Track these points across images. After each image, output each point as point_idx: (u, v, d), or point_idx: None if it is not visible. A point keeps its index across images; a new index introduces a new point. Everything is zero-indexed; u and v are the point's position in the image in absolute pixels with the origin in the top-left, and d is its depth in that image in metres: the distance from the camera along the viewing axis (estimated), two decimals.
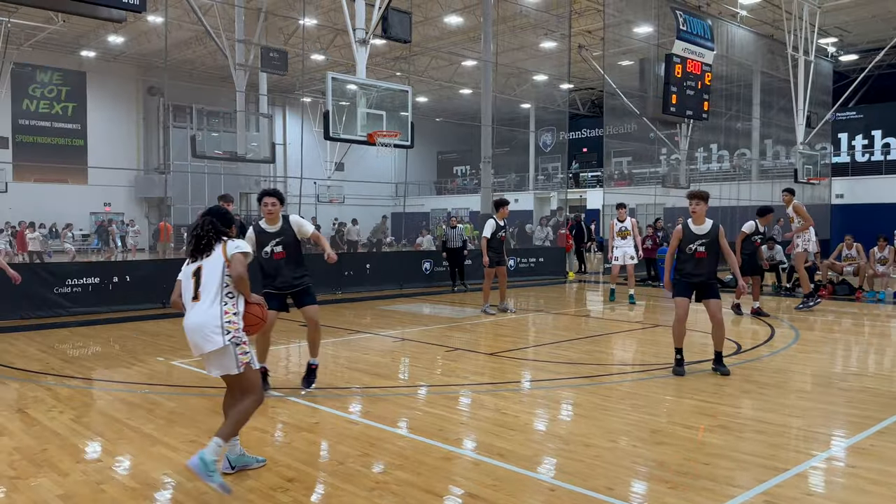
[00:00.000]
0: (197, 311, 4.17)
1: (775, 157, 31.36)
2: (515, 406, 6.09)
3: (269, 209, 6.24)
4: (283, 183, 36.60)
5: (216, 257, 4.22)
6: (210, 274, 4.20)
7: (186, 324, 4.21)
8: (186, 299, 4.26)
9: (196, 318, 4.16)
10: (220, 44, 20.12)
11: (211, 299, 4.15)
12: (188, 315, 4.21)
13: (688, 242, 7.33)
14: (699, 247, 7.26)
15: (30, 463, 4.58)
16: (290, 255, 6.44)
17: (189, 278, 4.25)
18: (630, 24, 22.86)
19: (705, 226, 7.32)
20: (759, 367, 7.78)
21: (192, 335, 4.18)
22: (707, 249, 7.25)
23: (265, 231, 6.39)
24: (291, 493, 4.10)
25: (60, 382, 6.89)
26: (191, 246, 4.25)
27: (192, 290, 4.23)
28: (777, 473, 4.41)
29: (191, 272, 4.26)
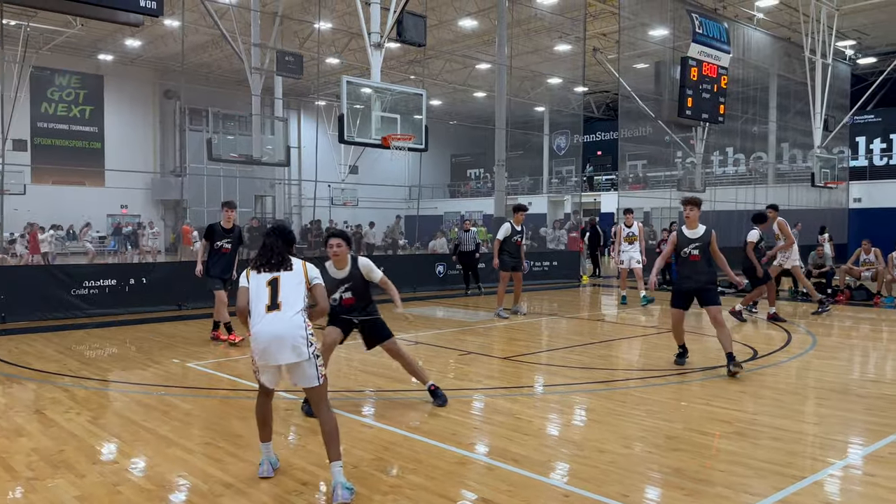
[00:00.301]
0: (280, 319, 4.19)
1: (792, 160, 31.12)
2: (529, 411, 6.07)
3: (335, 251, 5.83)
4: (297, 186, 36.77)
5: (297, 273, 4.33)
6: (291, 288, 4.28)
7: (266, 330, 4.18)
8: (258, 308, 4.26)
9: (280, 326, 4.17)
10: (236, 47, 20.25)
11: (294, 311, 4.22)
12: (265, 322, 4.20)
13: (682, 246, 7.73)
14: (693, 250, 7.66)
15: (47, 464, 4.62)
16: (359, 299, 6.18)
17: (263, 287, 4.27)
18: (645, 26, 22.78)
19: (698, 230, 7.71)
20: (775, 373, 7.71)
21: (277, 342, 4.17)
22: (700, 252, 7.63)
23: (334, 278, 5.95)
24: (306, 497, 4.12)
25: (77, 384, 6.95)
26: (262, 259, 4.31)
27: (267, 299, 4.24)
28: (794, 481, 4.37)
29: (265, 282, 4.28)
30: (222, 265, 9.16)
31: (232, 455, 4.81)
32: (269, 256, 4.33)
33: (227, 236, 9.19)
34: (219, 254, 9.16)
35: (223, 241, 9.17)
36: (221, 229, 9.19)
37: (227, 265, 9.21)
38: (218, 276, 9.14)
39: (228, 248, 9.19)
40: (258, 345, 4.21)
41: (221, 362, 8.08)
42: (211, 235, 9.18)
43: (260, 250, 4.38)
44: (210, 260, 9.15)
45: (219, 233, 9.16)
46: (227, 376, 7.32)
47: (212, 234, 9.18)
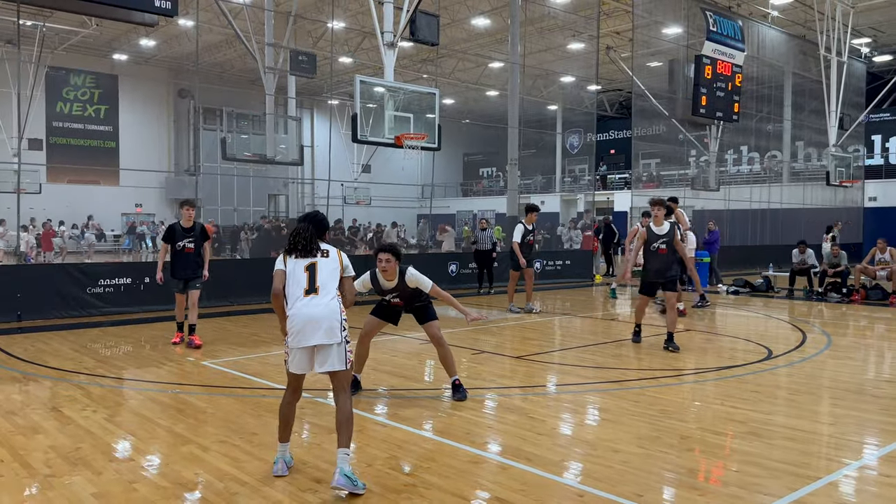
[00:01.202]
0: (317, 303, 4.41)
1: (807, 159, 30.87)
2: (542, 410, 6.07)
3: (384, 266, 6.10)
4: (310, 185, 36.88)
5: (333, 260, 4.57)
6: (328, 273, 4.52)
7: (304, 312, 4.39)
8: (295, 291, 4.47)
9: (318, 309, 4.39)
10: (250, 47, 20.36)
11: (331, 296, 4.46)
12: (304, 305, 4.41)
13: (651, 242, 8.89)
14: (661, 244, 8.83)
15: (64, 461, 4.67)
16: (407, 301, 6.52)
17: (302, 272, 4.48)
18: (659, 25, 22.68)
19: (664, 227, 8.89)
20: (790, 373, 7.67)
21: (312, 324, 4.37)
22: (667, 247, 8.82)
23: (383, 288, 6.33)
24: (320, 495, 4.14)
25: (93, 381, 7.01)
26: (298, 245, 4.50)
27: (305, 283, 4.47)
28: (809, 482, 4.35)
29: (303, 266, 4.50)
30: (188, 265, 8.93)
31: (247, 453, 4.84)
32: (298, 241, 4.52)
33: (188, 235, 8.94)
34: (182, 254, 8.92)
35: (185, 240, 8.92)
36: (182, 229, 8.96)
37: (193, 264, 8.96)
38: (182, 277, 8.93)
39: (192, 248, 8.94)
40: (294, 326, 4.40)
41: (237, 360, 8.14)
42: (171, 237, 8.96)
43: (291, 235, 4.57)
44: (175, 261, 8.95)
45: (179, 233, 8.94)
46: (242, 374, 7.37)
47: (172, 235, 8.96)
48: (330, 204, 23.01)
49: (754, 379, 7.28)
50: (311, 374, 7.56)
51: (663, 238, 8.83)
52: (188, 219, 9.02)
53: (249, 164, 25.95)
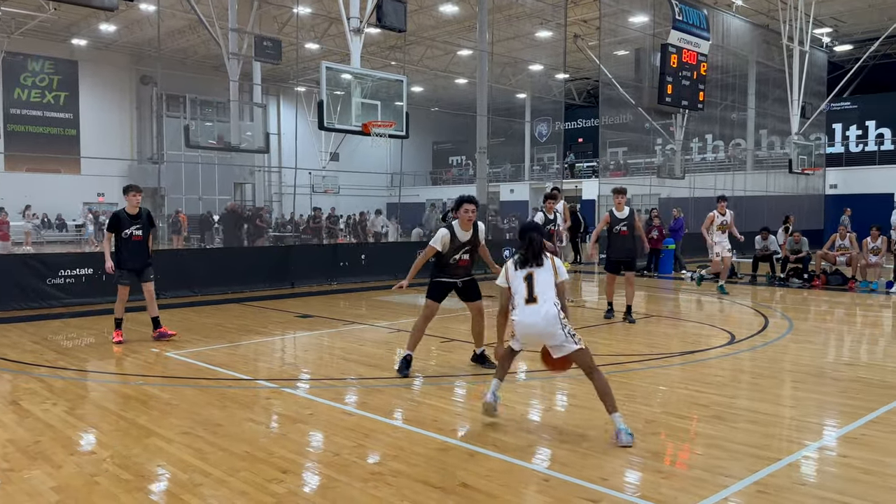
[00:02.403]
0: (535, 312, 4.93)
1: (770, 147, 31.37)
2: (510, 397, 6.09)
3: (470, 216, 6.81)
4: (277, 173, 36.48)
5: (548, 268, 5.07)
6: (545, 281, 5.02)
7: (526, 322, 4.94)
8: (518, 301, 5.01)
9: (536, 319, 4.92)
10: (214, 32, 20.01)
11: (551, 303, 4.94)
12: (525, 314, 4.96)
13: (614, 224, 10.11)
14: (622, 227, 10.07)
15: (23, 455, 4.57)
16: (470, 261, 7.18)
17: (521, 282, 5.03)
18: (626, 13, 22.78)
19: (625, 212, 10.11)
20: (752, 357, 7.80)
21: (533, 333, 4.98)
22: (628, 229, 10.06)
23: (459, 240, 6.93)
24: (286, 485, 4.11)
25: (54, 374, 6.87)
26: (526, 255, 5.06)
27: (525, 293, 4.98)
28: (770, 463, 4.43)
29: (521, 277, 5.05)
30: (136, 254, 8.53)
31: (211, 444, 4.79)
32: (532, 251, 5.06)
33: (136, 222, 8.50)
34: (130, 242, 8.47)
35: (131, 227, 8.46)
36: (127, 216, 8.47)
37: (142, 252, 8.58)
38: (131, 268, 8.53)
39: (140, 236, 8.53)
40: (519, 331, 5.03)
41: (201, 351, 8.03)
42: (116, 225, 8.45)
43: (525, 246, 5.09)
44: (122, 251, 8.47)
45: (125, 220, 8.45)
46: (206, 365, 7.28)
47: (117, 223, 8.46)
48: (297, 193, 22.83)
49: (718, 363, 7.40)
50: (280, 365, 7.51)
51: (624, 221, 10.09)
52: (134, 205, 8.53)
53: (214, 151, 25.55)
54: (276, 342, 8.82)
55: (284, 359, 8.10)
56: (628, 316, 10.00)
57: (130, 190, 8.63)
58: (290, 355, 8.34)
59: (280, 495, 3.95)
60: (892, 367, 7.34)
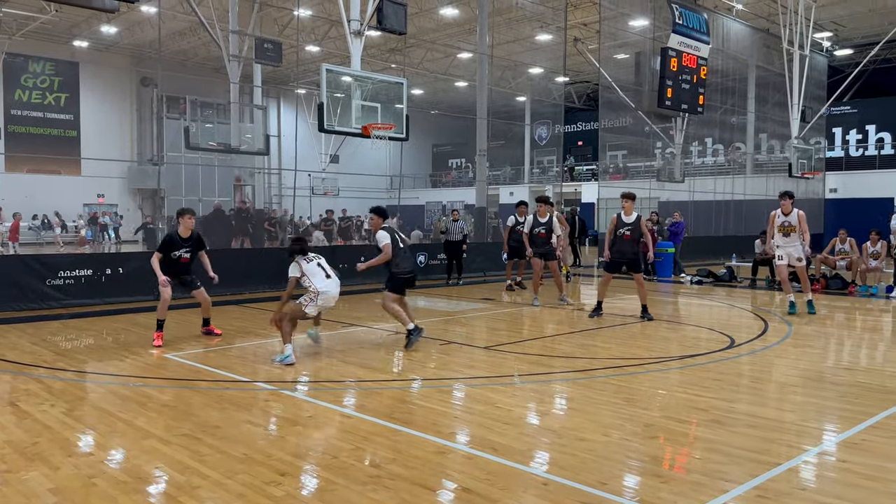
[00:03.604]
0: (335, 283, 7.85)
1: (770, 151, 31.40)
2: (509, 400, 6.08)
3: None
4: (277, 175, 36.47)
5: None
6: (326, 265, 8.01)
7: (333, 292, 7.79)
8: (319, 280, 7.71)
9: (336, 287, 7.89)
10: (214, 34, 20.01)
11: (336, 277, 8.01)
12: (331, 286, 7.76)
13: (619, 227, 10.56)
14: (626, 231, 10.48)
15: (21, 456, 4.56)
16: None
17: (316, 268, 7.83)
18: (626, 17, 22.81)
19: (632, 217, 10.54)
20: (752, 362, 7.80)
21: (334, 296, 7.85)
22: (632, 233, 10.48)
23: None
24: (284, 487, 4.09)
25: (52, 375, 6.86)
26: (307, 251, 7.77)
27: (323, 274, 7.83)
28: (769, 468, 4.42)
29: (315, 265, 7.80)
30: (181, 272, 8.75)
31: (209, 446, 4.77)
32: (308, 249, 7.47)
33: (186, 245, 8.70)
34: (178, 263, 8.66)
35: (181, 250, 8.66)
36: (180, 239, 8.68)
37: (187, 272, 8.83)
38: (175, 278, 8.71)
39: (188, 258, 8.73)
40: (323, 299, 7.69)
41: (199, 353, 8.02)
42: (169, 246, 8.63)
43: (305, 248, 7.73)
44: (167, 266, 8.59)
45: (177, 243, 8.65)
46: (205, 367, 7.27)
47: (169, 245, 8.63)
48: (297, 195, 22.83)
49: (717, 367, 7.39)
50: (281, 369, 7.51)
51: (629, 225, 10.50)
52: (188, 228, 8.66)
53: (214, 153, 25.54)
54: (275, 344, 8.80)
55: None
56: (645, 314, 10.54)
57: (185, 213, 8.77)
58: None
59: (278, 498, 3.94)
60: (891, 371, 7.33)
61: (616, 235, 10.58)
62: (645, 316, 10.52)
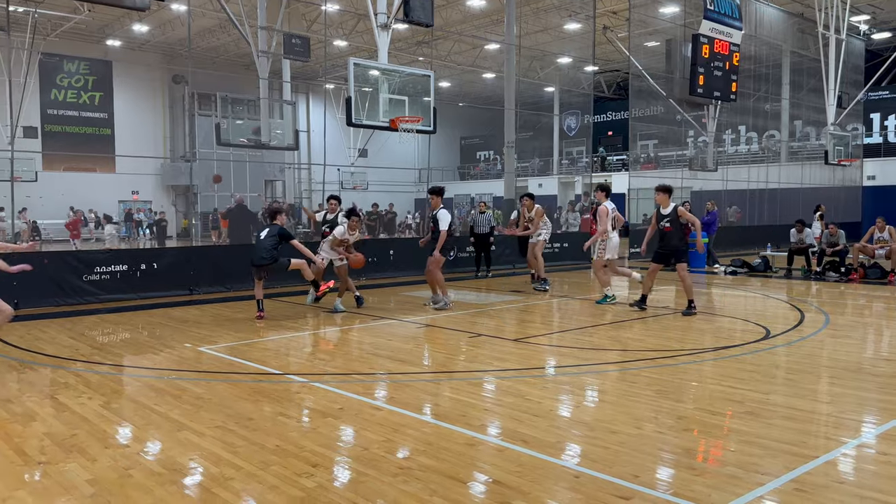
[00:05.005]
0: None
1: (805, 138, 30.79)
2: (539, 392, 6.05)
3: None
4: (306, 170, 36.72)
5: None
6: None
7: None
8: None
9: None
10: (243, 31, 20.16)
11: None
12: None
13: (659, 221, 10.48)
14: (666, 223, 10.36)
15: (59, 448, 4.65)
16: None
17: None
18: (656, 4, 22.51)
19: (669, 209, 10.39)
20: (788, 353, 7.66)
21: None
22: (671, 224, 10.31)
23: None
24: (316, 479, 4.12)
25: (89, 369, 6.99)
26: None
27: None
28: (807, 461, 4.33)
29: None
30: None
31: (243, 438, 4.82)
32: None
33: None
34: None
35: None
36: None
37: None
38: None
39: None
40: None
41: (234, 346, 8.11)
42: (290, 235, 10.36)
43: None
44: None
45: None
46: (238, 360, 7.35)
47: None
48: (326, 189, 22.95)
49: (752, 359, 7.27)
50: (311, 360, 7.55)
51: (667, 218, 10.36)
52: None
53: (245, 149, 25.80)
54: (306, 337, 8.87)
55: (315, 353, 8.15)
56: (690, 309, 10.28)
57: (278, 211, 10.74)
58: (319, 350, 8.38)
59: (310, 489, 3.97)
60: None
61: (659, 229, 10.53)
62: (689, 311, 10.18)
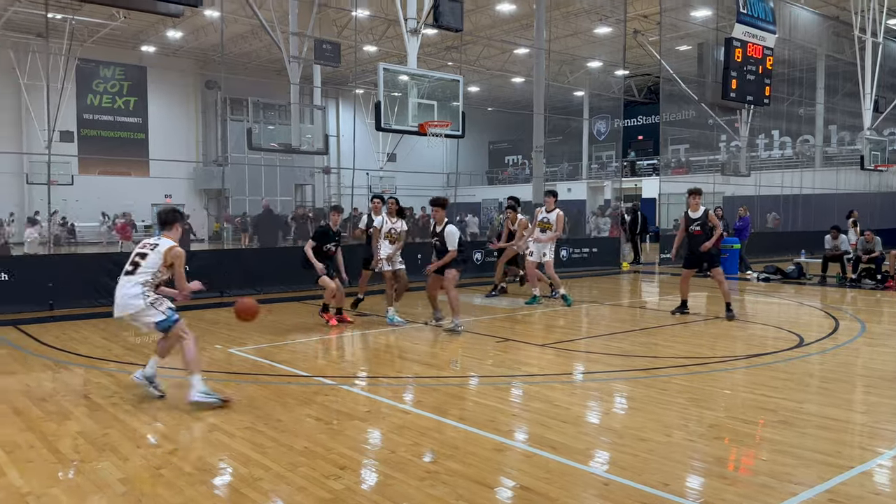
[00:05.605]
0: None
1: (840, 143, 30.23)
2: (568, 398, 6.01)
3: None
4: (336, 174, 36.95)
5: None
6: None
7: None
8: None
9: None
10: (275, 37, 20.37)
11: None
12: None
13: (689, 224, 10.41)
14: (696, 227, 10.30)
15: (92, 446, 4.73)
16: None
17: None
18: (688, 7, 22.29)
19: (699, 212, 10.34)
20: (822, 361, 7.51)
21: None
22: (701, 228, 10.26)
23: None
24: (343, 481, 4.14)
25: (121, 369, 7.10)
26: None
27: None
28: (841, 471, 4.24)
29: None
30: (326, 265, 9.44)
31: (272, 440, 4.86)
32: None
33: (335, 239, 9.59)
34: (326, 255, 9.49)
35: (331, 244, 9.52)
36: (332, 232, 9.59)
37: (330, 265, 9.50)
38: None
39: (334, 251, 9.58)
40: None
41: (263, 348, 8.19)
42: (323, 238, 9.49)
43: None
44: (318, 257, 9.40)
45: (330, 236, 9.54)
46: (268, 362, 7.41)
47: (324, 238, 9.49)
48: (355, 193, 23.10)
49: (785, 367, 7.14)
50: (339, 362, 7.58)
51: (697, 221, 10.32)
52: (335, 223, 9.68)
53: (276, 153, 26.05)
54: (334, 340, 8.92)
55: (343, 356, 8.18)
56: (729, 312, 10.23)
57: (336, 209, 9.94)
58: (347, 353, 8.42)
59: (338, 491, 3.98)
60: None
61: (688, 233, 10.42)
62: (728, 314, 10.18)
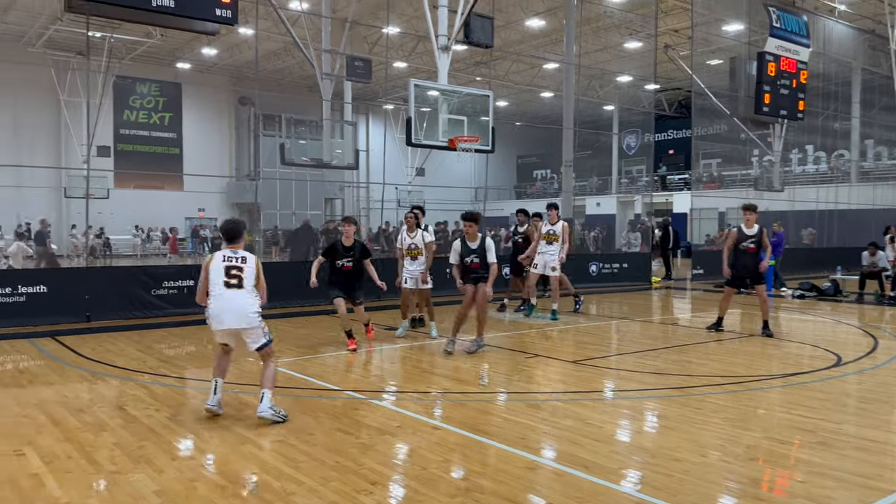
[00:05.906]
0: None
1: (877, 157, 29.67)
2: (599, 416, 5.96)
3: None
4: (365, 189, 37.23)
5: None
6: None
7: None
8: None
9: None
10: (308, 54, 20.65)
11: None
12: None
13: (741, 241, 10.06)
14: (750, 244, 10.01)
15: (128, 458, 4.80)
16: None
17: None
18: (719, 22, 22.14)
19: (754, 229, 10.04)
20: (860, 381, 7.35)
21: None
22: (756, 245, 10.02)
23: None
24: (375, 496, 4.14)
25: (156, 381, 7.20)
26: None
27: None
28: (882, 495, 4.14)
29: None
30: (346, 280, 8.92)
31: (304, 453, 4.89)
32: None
33: (347, 255, 8.88)
34: (340, 271, 8.90)
35: (343, 259, 8.86)
36: (342, 247, 8.92)
37: (351, 279, 8.93)
38: (341, 291, 8.93)
39: (349, 267, 8.87)
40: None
41: (296, 361, 8.24)
42: (331, 254, 8.97)
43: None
44: (332, 274, 8.92)
45: (339, 251, 8.90)
46: (300, 375, 7.46)
47: (332, 253, 8.96)
48: (384, 207, 23.24)
49: (822, 386, 7.00)
50: (366, 376, 7.60)
51: (752, 238, 10.02)
52: (348, 237, 8.92)
53: (307, 168, 26.34)
54: (364, 354, 8.95)
55: (372, 370, 8.21)
56: (766, 330, 10.11)
57: (347, 221, 9.14)
58: (377, 367, 8.45)
59: None
60: None
61: (738, 249, 10.08)
62: (765, 332, 10.07)
